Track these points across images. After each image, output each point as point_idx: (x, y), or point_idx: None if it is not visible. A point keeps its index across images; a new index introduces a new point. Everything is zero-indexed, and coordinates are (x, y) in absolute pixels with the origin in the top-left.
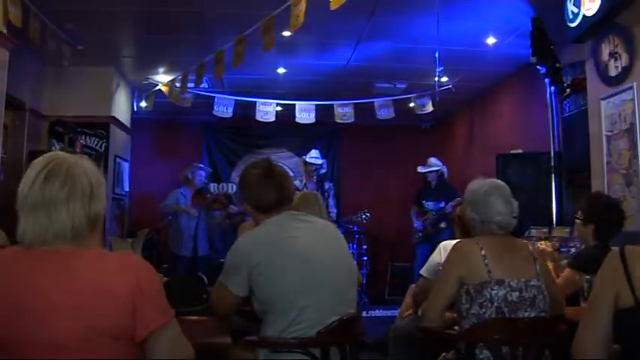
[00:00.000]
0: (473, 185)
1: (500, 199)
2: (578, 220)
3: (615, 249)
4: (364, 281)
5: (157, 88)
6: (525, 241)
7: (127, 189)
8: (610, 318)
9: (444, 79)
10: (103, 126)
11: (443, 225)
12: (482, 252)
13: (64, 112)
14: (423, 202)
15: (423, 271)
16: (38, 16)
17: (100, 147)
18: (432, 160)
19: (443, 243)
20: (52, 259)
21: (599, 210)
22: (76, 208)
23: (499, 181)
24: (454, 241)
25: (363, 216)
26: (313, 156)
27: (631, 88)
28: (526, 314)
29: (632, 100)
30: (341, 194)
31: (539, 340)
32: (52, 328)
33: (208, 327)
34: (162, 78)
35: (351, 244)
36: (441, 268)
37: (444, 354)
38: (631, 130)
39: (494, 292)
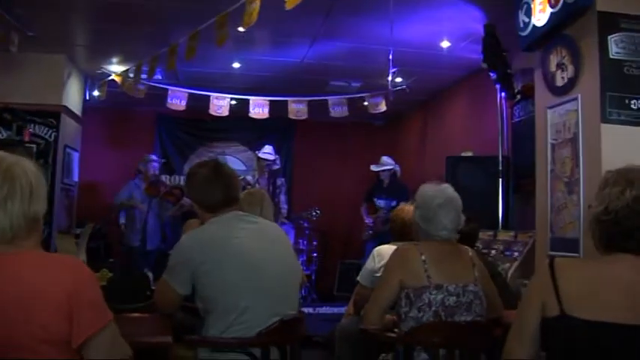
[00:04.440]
0: (427, 191)
1: (449, 215)
2: None
3: (545, 260)
4: (313, 277)
5: (110, 78)
6: (466, 246)
7: (76, 179)
8: (537, 326)
9: (398, 79)
10: (53, 115)
11: None
12: (422, 257)
13: (12, 99)
14: (375, 199)
15: (359, 278)
16: None
17: (50, 136)
18: (385, 159)
19: (376, 249)
20: None
21: None
22: (15, 208)
23: (452, 193)
24: (386, 247)
25: (314, 213)
26: (266, 152)
27: (575, 99)
28: (462, 318)
29: (576, 110)
30: (293, 190)
31: (475, 344)
32: None
33: (150, 325)
34: (115, 68)
35: (301, 241)
36: (376, 275)
37: (383, 355)
38: (574, 140)
39: (432, 296)
